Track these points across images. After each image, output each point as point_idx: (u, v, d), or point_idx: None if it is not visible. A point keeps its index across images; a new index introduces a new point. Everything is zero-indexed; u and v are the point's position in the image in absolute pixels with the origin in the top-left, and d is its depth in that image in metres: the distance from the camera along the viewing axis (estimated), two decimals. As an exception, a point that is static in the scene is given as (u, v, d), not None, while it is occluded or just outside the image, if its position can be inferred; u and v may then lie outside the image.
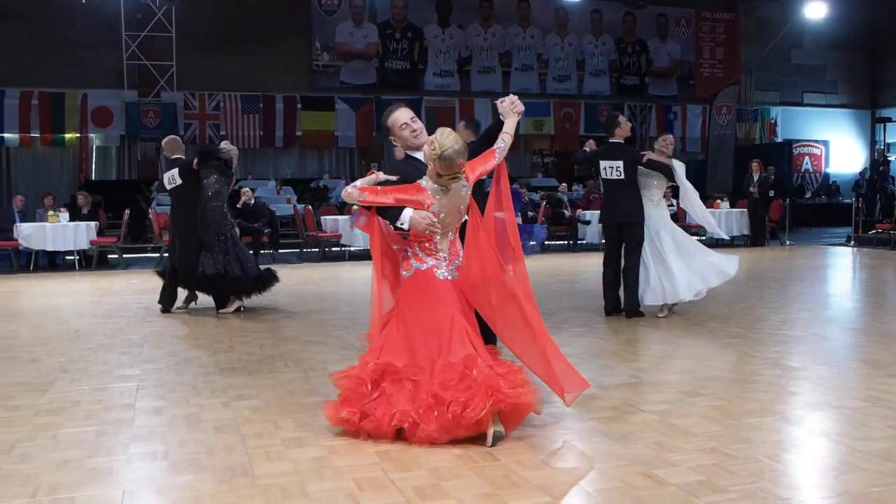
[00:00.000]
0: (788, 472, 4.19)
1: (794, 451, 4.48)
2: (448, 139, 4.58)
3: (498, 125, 5.14)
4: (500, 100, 5.15)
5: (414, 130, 5.04)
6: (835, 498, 3.80)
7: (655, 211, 8.85)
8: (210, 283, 9.66)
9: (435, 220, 4.71)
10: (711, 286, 8.85)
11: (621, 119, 9.13)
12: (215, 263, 9.54)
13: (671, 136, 9.51)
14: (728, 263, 8.90)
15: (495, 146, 4.95)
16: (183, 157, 9.94)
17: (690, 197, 9.00)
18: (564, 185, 21.87)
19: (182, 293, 9.97)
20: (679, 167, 8.80)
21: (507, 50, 26.00)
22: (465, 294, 4.82)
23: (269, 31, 23.42)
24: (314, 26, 24.09)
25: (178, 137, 10.40)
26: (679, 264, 8.68)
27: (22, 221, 15.87)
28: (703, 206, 9.38)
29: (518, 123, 5.12)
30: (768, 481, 3.96)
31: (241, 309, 9.83)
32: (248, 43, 23.29)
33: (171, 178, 9.76)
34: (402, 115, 5.07)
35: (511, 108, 5.07)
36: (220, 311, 9.76)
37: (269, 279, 9.96)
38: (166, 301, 9.86)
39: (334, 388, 4.87)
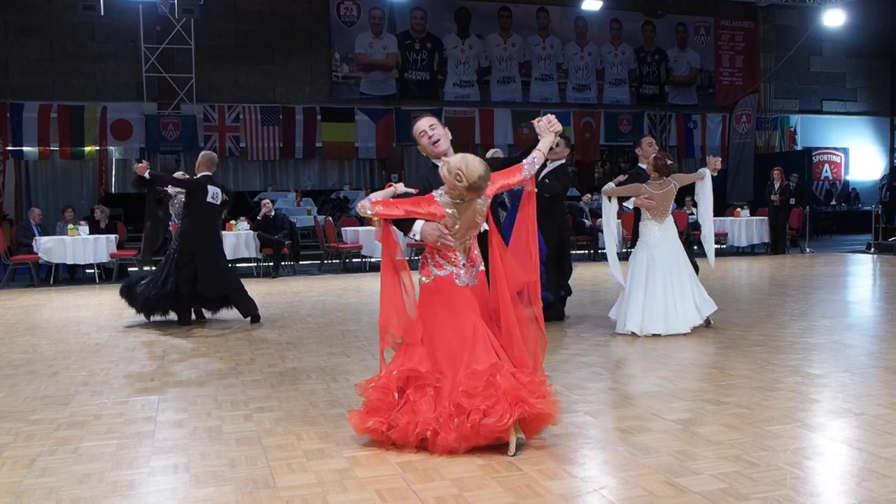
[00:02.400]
0: (810, 479, 4.16)
1: (815, 459, 4.45)
2: (475, 170, 4.55)
3: (536, 144, 5.13)
4: (537, 119, 5.13)
5: (430, 137, 5.06)
6: (858, 506, 3.78)
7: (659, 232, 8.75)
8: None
9: (447, 232, 4.71)
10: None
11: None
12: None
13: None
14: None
15: (524, 161, 4.95)
16: (210, 175, 9.94)
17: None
18: (588, 195, 21.84)
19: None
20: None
21: (527, 60, 26.01)
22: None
23: (288, 43, 23.53)
24: (334, 37, 24.18)
25: (216, 155, 10.44)
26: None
27: (41, 235, 15.92)
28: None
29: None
30: (790, 489, 3.94)
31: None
32: (267, 54, 23.42)
33: (216, 195, 9.82)
34: (421, 124, 5.14)
35: (547, 127, 5.04)
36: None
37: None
38: (187, 317, 9.95)
39: (356, 399, 4.88)
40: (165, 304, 9.77)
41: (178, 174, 10.03)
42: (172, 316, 9.93)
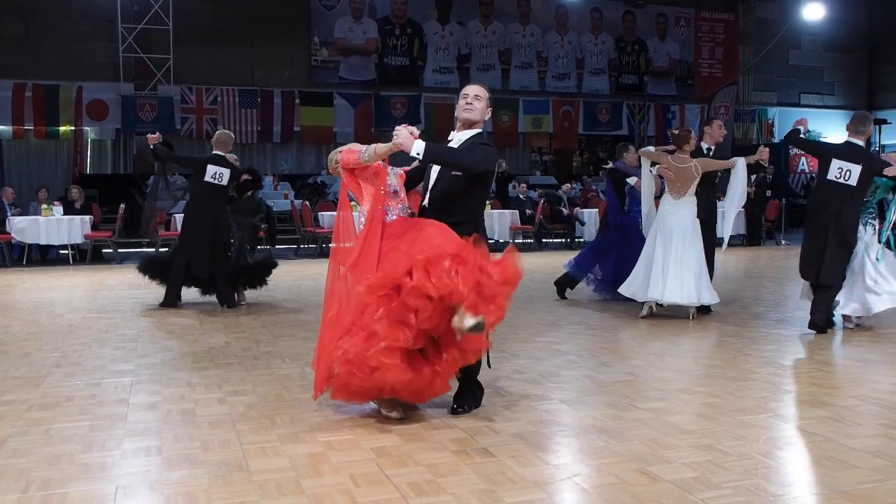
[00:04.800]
0: (781, 468, 4.19)
1: (787, 448, 4.49)
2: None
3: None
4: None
5: (468, 102, 5.29)
6: (827, 494, 3.81)
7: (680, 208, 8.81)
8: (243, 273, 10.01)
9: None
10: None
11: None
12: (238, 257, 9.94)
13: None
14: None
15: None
16: (225, 157, 9.75)
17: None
18: (567, 185, 21.88)
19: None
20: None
21: (507, 47, 25.95)
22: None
23: (267, 26, 23.36)
24: (313, 21, 24.03)
25: (232, 136, 10.21)
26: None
27: (14, 215, 15.76)
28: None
29: (518, 120, 5.18)
30: (761, 478, 3.97)
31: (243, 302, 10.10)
32: (246, 37, 23.24)
33: (219, 175, 9.58)
34: (468, 88, 5.43)
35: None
36: (232, 301, 9.87)
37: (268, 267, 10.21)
38: (173, 298, 9.83)
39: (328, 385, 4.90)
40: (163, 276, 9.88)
41: (231, 157, 9.84)
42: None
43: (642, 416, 5.02)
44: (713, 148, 9.45)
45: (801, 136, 9.21)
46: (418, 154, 4.88)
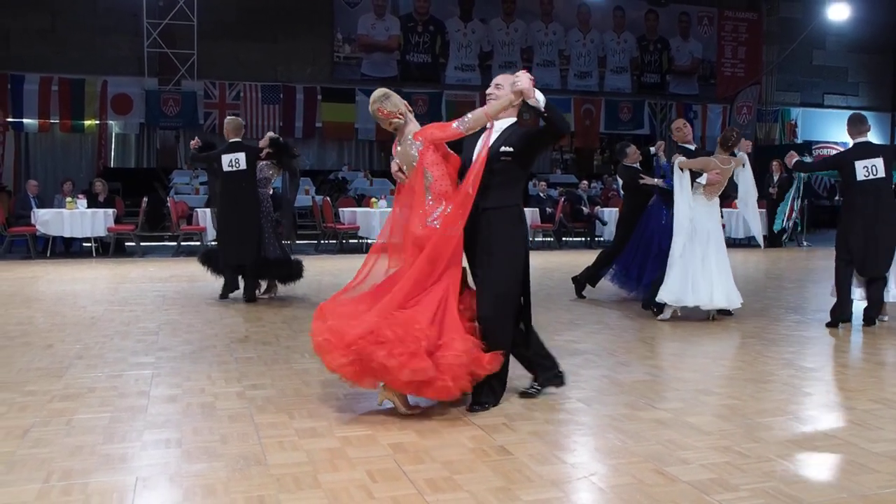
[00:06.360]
0: (800, 471, 4.18)
1: (805, 452, 4.47)
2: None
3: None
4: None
5: (491, 91, 5.26)
6: (846, 498, 3.79)
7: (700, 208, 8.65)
8: (273, 266, 10.00)
9: (395, 169, 5.22)
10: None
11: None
12: (276, 248, 9.99)
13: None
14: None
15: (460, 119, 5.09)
16: (242, 141, 9.83)
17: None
18: (585, 182, 21.86)
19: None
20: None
21: (529, 45, 25.95)
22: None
23: (291, 22, 23.44)
24: (336, 17, 24.10)
25: (241, 120, 10.24)
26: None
27: (38, 207, 15.88)
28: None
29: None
30: (779, 481, 3.95)
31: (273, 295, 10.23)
32: (269, 33, 23.33)
33: (236, 161, 9.62)
34: (499, 77, 5.37)
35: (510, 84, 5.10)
36: (252, 296, 9.92)
37: (299, 269, 10.19)
38: (228, 290, 9.96)
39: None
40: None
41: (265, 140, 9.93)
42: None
43: (660, 417, 5.01)
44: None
45: (805, 160, 9.25)
46: (538, 102, 4.91)
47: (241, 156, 9.64)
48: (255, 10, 23.05)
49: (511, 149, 5.03)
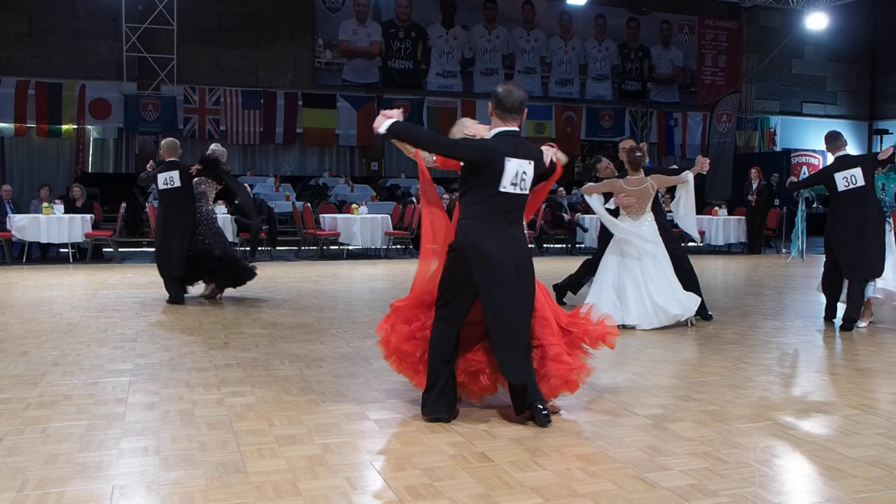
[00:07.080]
0: (779, 477, 4.19)
1: (784, 457, 4.48)
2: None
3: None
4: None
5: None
6: (824, 503, 3.80)
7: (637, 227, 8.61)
8: (219, 270, 10.30)
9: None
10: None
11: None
12: (222, 250, 10.31)
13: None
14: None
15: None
16: (178, 161, 10.21)
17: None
18: (563, 189, 21.88)
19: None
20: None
21: (511, 52, 26.02)
22: None
23: (271, 27, 23.43)
24: (318, 23, 24.10)
25: (177, 141, 10.60)
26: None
27: (15, 213, 15.75)
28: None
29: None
30: (759, 486, 3.96)
31: (219, 297, 10.53)
32: (250, 38, 23.30)
33: (170, 179, 10.01)
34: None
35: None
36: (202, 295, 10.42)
37: (248, 273, 10.46)
38: (176, 298, 10.19)
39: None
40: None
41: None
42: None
43: (640, 423, 5.01)
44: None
45: (794, 180, 9.67)
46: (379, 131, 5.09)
47: (175, 174, 10.04)
48: (235, 15, 23.03)
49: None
